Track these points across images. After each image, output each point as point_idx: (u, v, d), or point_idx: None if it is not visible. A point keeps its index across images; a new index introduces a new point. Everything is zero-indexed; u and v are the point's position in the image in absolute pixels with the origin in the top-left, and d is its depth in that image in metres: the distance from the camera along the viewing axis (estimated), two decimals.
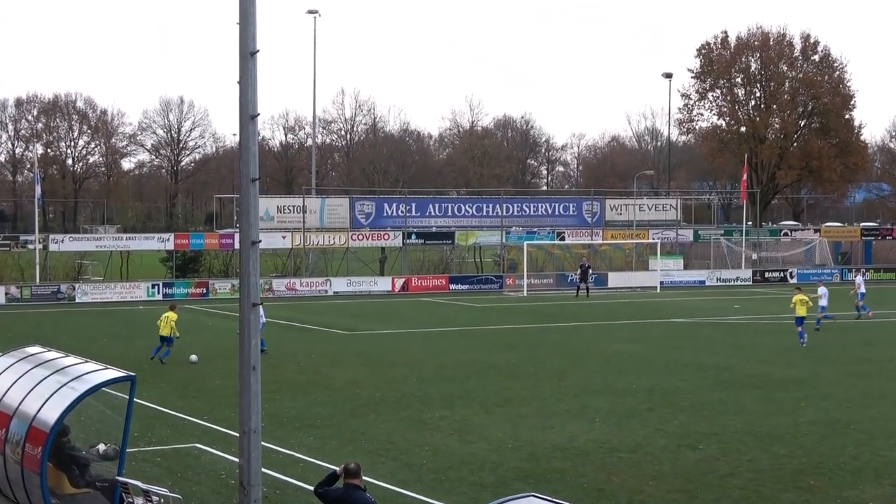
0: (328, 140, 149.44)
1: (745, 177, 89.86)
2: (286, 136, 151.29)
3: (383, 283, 76.66)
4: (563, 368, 38.37)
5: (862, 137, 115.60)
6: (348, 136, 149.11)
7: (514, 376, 36.50)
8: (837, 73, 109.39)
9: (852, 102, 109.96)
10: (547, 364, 39.54)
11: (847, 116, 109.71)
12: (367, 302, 68.76)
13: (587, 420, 28.53)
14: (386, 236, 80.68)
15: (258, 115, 15.04)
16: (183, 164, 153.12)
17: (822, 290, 51.34)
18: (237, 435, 15.68)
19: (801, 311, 45.71)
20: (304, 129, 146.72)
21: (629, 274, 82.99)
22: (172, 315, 40.16)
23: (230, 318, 54.53)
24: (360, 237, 79.69)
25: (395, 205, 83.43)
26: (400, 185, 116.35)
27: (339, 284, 74.84)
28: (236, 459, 16.78)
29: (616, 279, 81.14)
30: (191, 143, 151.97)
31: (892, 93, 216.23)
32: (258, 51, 14.86)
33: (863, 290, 57.79)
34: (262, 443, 15.84)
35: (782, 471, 23.14)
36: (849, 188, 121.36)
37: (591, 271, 75.37)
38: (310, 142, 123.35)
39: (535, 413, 29.59)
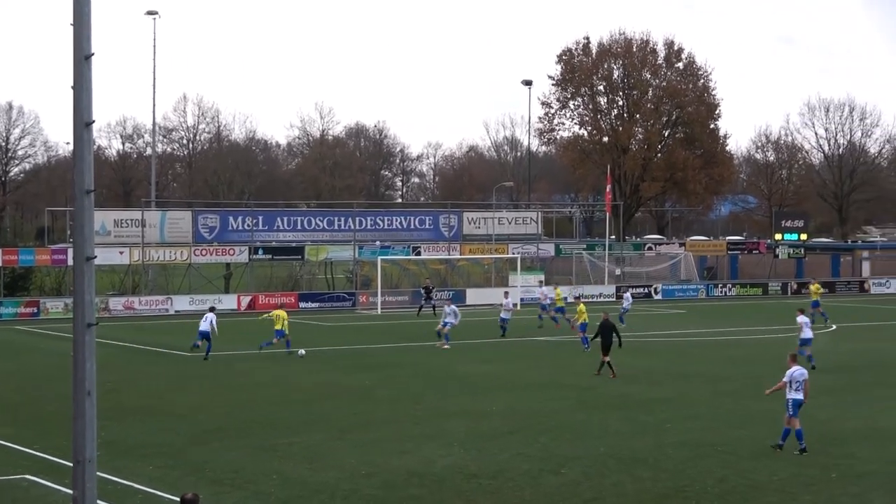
0: (169, 149, 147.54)
1: (608, 188, 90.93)
2: (124, 144, 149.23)
3: (228, 301, 76.05)
4: (419, 390, 38.50)
5: (727, 148, 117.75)
6: (190, 144, 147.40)
7: (368, 399, 36.52)
8: (702, 81, 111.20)
9: (717, 111, 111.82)
10: (402, 386, 39.64)
11: (712, 126, 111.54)
12: None
13: (445, 444, 28.63)
14: (231, 251, 79.98)
15: (93, 122, 14.81)
16: (12, 174, 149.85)
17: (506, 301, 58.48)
18: (70, 465, 15.42)
19: (584, 318, 51.44)
20: (144, 137, 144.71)
21: (488, 290, 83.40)
22: (283, 314, 48.60)
23: (63, 340, 53.64)
24: (204, 252, 78.97)
25: (240, 218, 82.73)
26: (246, 198, 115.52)
27: (181, 303, 74.09)
28: (69, 491, 16.50)
29: (474, 296, 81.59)
30: (20, 153, 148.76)
31: (757, 103, 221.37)
32: (93, 54, 14.66)
33: (626, 305, 64.62)
34: (98, 473, 15.58)
35: (647, 495, 23.46)
36: (714, 200, 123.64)
37: (434, 290, 75.47)
38: (149, 151, 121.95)
39: (390, 437, 29.61)
